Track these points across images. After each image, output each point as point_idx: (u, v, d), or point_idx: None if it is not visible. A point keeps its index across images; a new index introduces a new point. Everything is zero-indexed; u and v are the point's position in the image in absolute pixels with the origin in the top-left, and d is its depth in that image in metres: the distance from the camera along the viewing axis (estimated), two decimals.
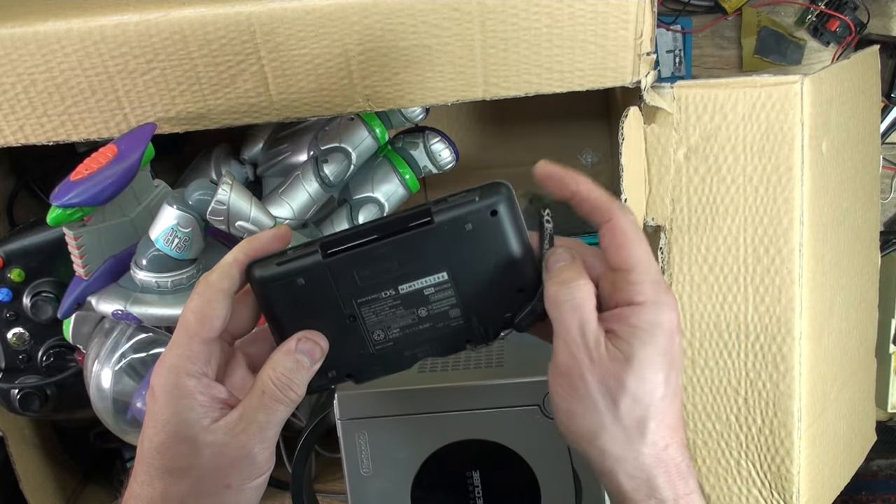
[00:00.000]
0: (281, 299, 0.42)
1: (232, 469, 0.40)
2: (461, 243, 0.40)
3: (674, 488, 0.40)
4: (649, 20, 0.57)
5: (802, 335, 0.63)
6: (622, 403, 0.39)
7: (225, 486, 0.41)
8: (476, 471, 0.61)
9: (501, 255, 0.41)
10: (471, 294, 0.42)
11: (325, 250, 0.41)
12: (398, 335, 0.43)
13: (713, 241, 0.63)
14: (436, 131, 0.73)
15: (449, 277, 0.41)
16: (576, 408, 0.40)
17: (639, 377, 0.39)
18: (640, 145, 0.63)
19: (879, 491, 0.90)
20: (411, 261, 0.41)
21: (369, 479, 0.62)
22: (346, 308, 0.42)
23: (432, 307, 0.42)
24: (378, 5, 0.56)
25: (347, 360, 0.43)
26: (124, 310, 0.60)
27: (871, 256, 0.76)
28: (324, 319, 0.42)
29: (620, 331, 0.39)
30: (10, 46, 0.57)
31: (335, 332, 0.42)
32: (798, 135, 0.59)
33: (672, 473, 0.40)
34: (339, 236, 0.41)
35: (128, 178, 0.57)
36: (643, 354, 0.39)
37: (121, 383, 0.63)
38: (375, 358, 0.44)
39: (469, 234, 0.40)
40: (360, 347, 0.43)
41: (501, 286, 0.41)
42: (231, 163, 0.77)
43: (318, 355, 0.42)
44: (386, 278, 0.41)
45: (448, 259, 0.41)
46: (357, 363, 0.44)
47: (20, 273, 0.68)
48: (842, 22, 0.83)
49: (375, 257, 0.41)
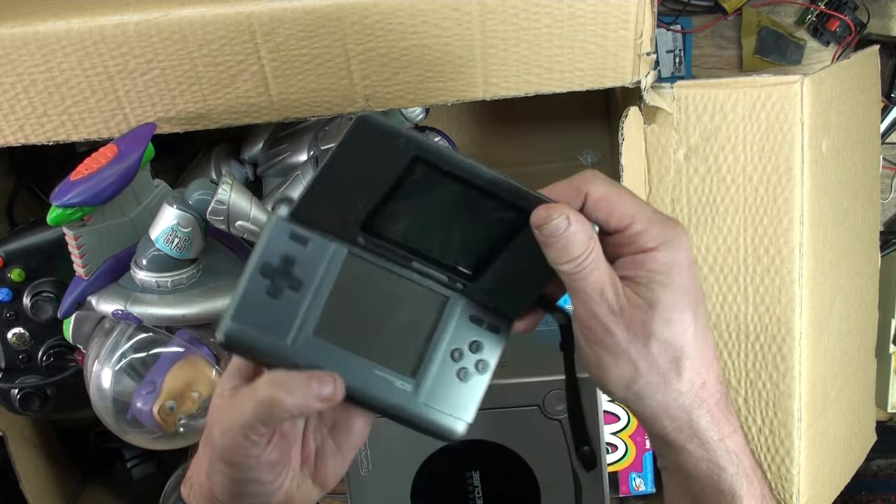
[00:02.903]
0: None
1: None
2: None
3: (718, 428, 0.40)
4: (649, 20, 0.57)
5: (802, 335, 0.63)
6: (654, 348, 0.39)
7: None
8: (476, 471, 0.61)
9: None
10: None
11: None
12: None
13: (713, 241, 0.63)
14: (436, 131, 0.73)
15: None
16: (606, 360, 0.40)
17: (665, 320, 0.39)
18: (640, 145, 0.63)
19: (879, 491, 0.90)
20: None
21: (369, 479, 0.62)
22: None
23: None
24: (378, 5, 0.56)
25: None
26: (124, 310, 0.60)
27: (871, 256, 0.76)
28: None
29: (639, 277, 0.39)
30: (10, 46, 0.57)
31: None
32: (798, 135, 0.59)
33: (714, 412, 0.40)
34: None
35: (128, 178, 0.57)
36: (665, 298, 0.39)
37: (121, 383, 0.63)
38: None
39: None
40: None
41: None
42: (231, 163, 0.77)
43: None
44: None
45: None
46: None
47: (20, 273, 0.68)
48: (842, 22, 0.82)
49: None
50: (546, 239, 0.39)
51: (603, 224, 0.39)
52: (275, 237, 0.40)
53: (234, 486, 0.41)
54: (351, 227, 0.40)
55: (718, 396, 0.41)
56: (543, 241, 0.39)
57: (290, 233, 0.40)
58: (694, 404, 0.40)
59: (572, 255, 0.38)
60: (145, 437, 0.65)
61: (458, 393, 0.42)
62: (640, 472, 0.78)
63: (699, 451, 0.41)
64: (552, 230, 0.38)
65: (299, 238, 0.40)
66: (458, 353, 0.42)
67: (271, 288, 0.40)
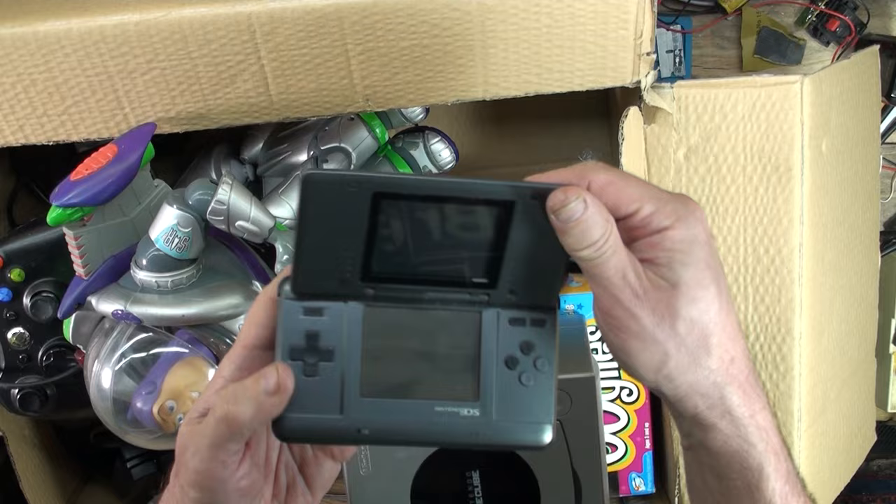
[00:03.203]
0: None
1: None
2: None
3: (749, 404, 0.40)
4: (649, 20, 0.57)
5: (802, 335, 0.63)
6: (680, 328, 0.38)
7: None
8: (476, 471, 0.61)
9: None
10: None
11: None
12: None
13: None
14: (436, 131, 0.73)
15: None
16: (633, 345, 0.39)
17: (690, 299, 0.38)
18: (640, 145, 0.63)
19: (879, 491, 0.90)
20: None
21: (369, 479, 0.62)
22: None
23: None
24: (378, 5, 0.56)
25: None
26: (124, 310, 0.60)
27: (871, 256, 0.76)
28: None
29: (658, 258, 0.38)
30: (10, 46, 0.57)
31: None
32: (798, 135, 0.59)
33: (746, 388, 0.40)
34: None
35: (128, 178, 0.57)
36: (688, 276, 0.38)
37: (121, 383, 0.63)
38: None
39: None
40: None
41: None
42: (231, 163, 0.77)
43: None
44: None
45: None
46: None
47: (20, 273, 0.68)
48: (842, 22, 0.82)
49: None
50: (564, 225, 0.38)
51: (612, 210, 0.38)
52: (290, 319, 0.39)
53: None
54: (354, 283, 0.39)
55: (748, 372, 0.40)
56: (561, 228, 0.38)
57: (302, 310, 0.40)
58: (725, 381, 0.39)
59: (592, 239, 0.37)
60: (145, 437, 0.65)
61: (529, 398, 0.41)
62: (640, 472, 0.78)
63: (730, 429, 0.40)
64: (569, 214, 0.37)
65: (313, 311, 0.40)
66: (511, 360, 0.41)
67: (306, 368, 0.39)
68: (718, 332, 0.39)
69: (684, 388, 0.39)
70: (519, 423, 0.40)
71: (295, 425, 0.39)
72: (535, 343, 0.41)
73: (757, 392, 0.40)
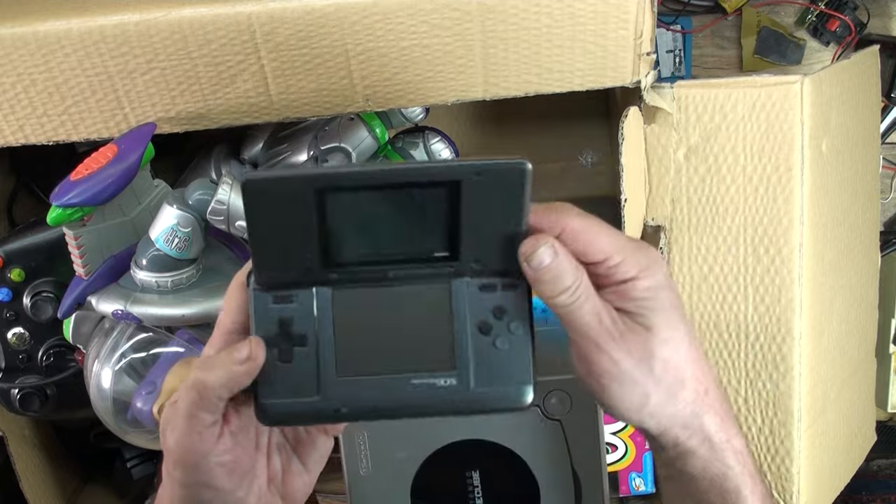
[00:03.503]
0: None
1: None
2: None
3: (726, 430, 0.42)
4: (649, 20, 0.57)
5: (802, 335, 0.63)
6: (657, 368, 0.40)
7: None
8: (476, 471, 0.61)
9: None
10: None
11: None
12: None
13: (713, 241, 0.63)
14: (436, 131, 0.73)
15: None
16: (614, 389, 0.40)
17: (664, 340, 0.40)
18: (640, 145, 0.63)
19: (879, 491, 0.90)
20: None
21: (369, 479, 0.62)
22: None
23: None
24: (378, 5, 0.56)
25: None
26: (124, 310, 0.60)
27: (871, 256, 0.76)
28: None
29: (628, 306, 0.40)
30: (10, 46, 0.57)
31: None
32: (798, 135, 0.59)
33: (721, 415, 0.42)
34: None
35: (128, 178, 0.57)
36: (660, 320, 0.40)
37: (121, 383, 0.63)
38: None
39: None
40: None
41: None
42: (231, 163, 0.77)
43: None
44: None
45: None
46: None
47: (20, 273, 0.68)
48: (842, 22, 0.82)
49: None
50: (536, 272, 0.39)
51: (581, 255, 0.40)
52: (260, 308, 0.40)
53: (192, 496, 0.41)
54: (316, 271, 0.40)
55: (721, 400, 0.42)
56: (533, 276, 0.39)
57: (272, 298, 0.40)
58: (703, 410, 0.41)
59: (565, 285, 0.39)
60: (145, 437, 0.65)
61: (506, 361, 0.40)
62: (640, 472, 0.78)
63: (709, 454, 0.42)
64: (540, 260, 0.39)
65: (282, 298, 0.40)
66: (484, 325, 0.41)
67: (281, 354, 0.40)
68: (692, 367, 0.41)
69: (666, 422, 0.41)
70: (497, 388, 0.40)
71: (275, 410, 0.40)
72: (506, 307, 0.41)
73: (731, 418, 0.43)
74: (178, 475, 0.40)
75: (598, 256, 0.40)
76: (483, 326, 0.41)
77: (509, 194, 0.39)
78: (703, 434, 0.42)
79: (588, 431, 0.63)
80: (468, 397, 0.40)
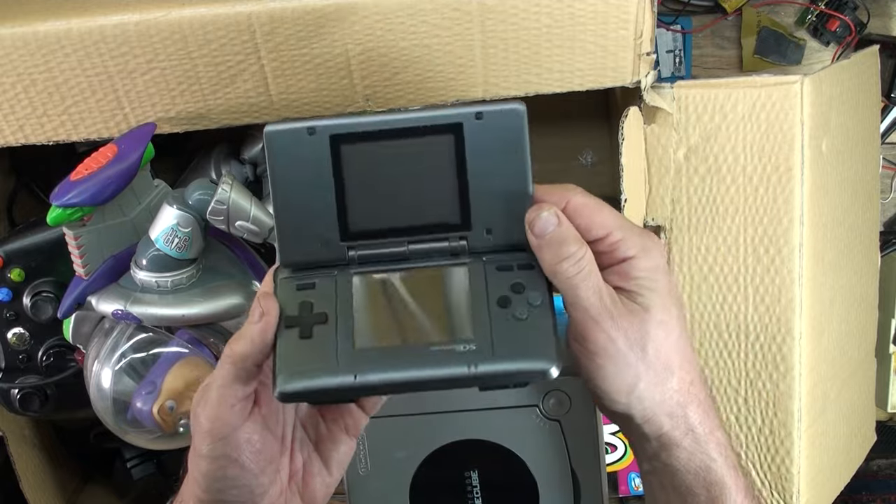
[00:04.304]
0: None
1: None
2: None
3: (709, 422, 0.43)
4: (649, 20, 0.57)
5: (802, 335, 0.63)
6: (650, 350, 0.40)
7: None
8: (474, 471, 0.61)
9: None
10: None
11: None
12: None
13: (713, 241, 0.63)
14: None
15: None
16: (608, 368, 0.41)
17: (658, 322, 0.41)
18: (640, 145, 0.63)
19: (879, 491, 0.90)
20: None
21: (368, 479, 0.62)
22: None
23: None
24: (378, 5, 0.56)
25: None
26: (124, 310, 0.60)
27: (871, 256, 0.76)
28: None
29: (627, 286, 0.41)
30: (10, 46, 0.57)
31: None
32: (798, 135, 0.59)
33: (705, 407, 0.43)
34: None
35: (128, 178, 0.57)
36: (656, 301, 0.41)
37: (121, 383, 0.63)
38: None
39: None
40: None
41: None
42: (231, 163, 0.77)
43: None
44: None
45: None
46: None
47: (20, 273, 0.68)
48: (842, 22, 0.82)
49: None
50: (539, 239, 0.40)
51: (584, 231, 0.40)
52: (285, 295, 0.41)
53: (217, 472, 0.41)
54: (336, 245, 0.41)
55: (705, 393, 0.43)
56: (537, 243, 0.40)
57: (296, 286, 0.41)
58: (687, 400, 0.42)
59: (570, 251, 0.39)
60: (145, 437, 0.65)
61: (526, 334, 0.39)
62: (639, 473, 0.78)
63: (693, 446, 0.42)
64: (543, 225, 0.40)
65: (305, 286, 0.41)
66: (503, 299, 0.40)
67: (302, 331, 0.40)
68: (680, 356, 0.42)
69: (652, 408, 0.42)
70: (520, 356, 0.39)
71: (293, 385, 0.39)
72: (524, 283, 0.41)
73: (714, 411, 0.43)
74: (207, 449, 0.41)
75: (599, 232, 0.40)
76: (502, 300, 0.40)
77: (510, 139, 0.41)
78: (686, 425, 0.42)
79: (587, 431, 0.63)
80: (489, 366, 0.39)
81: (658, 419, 0.42)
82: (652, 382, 0.41)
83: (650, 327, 0.40)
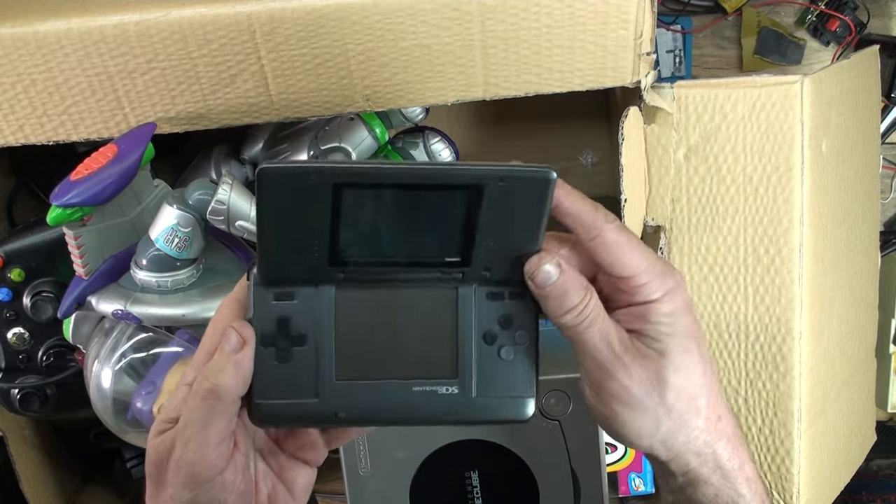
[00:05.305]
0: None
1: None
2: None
3: (738, 457, 0.41)
4: (649, 20, 0.57)
5: (802, 335, 0.63)
6: (669, 395, 0.39)
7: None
8: (475, 471, 0.61)
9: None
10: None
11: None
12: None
13: (713, 241, 0.63)
14: (436, 131, 0.73)
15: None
16: (624, 415, 0.39)
17: (678, 367, 0.39)
18: (640, 145, 0.63)
19: (879, 491, 0.90)
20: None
21: (368, 479, 0.62)
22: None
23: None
24: (378, 5, 0.56)
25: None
26: (124, 309, 0.60)
27: (871, 256, 0.76)
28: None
29: (644, 329, 0.39)
30: (10, 46, 0.57)
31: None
32: (798, 135, 0.59)
33: (734, 442, 0.41)
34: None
35: (128, 177, 0.57)
36: (675, 345, 0.39)
37: (121, 383, 0.63)
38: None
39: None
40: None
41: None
42: (231, 163, 0.77)
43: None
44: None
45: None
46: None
47: (20, 273, 0.68)
48: (842, 22, 0.82)
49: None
50: (541, 290, 0.38)
51: (608, 268, 0.39)
52: (260, 305, 0.39)
53: None
54: (322, 269, 0.38)
55: (733, 426, 0.41)
56: (539, 293, 0.39)
57: (273, 295, 0.39)
58: (715, 438, 0.40)
59: (572, 304, 0.38)
60: (145, 437, 0.64)
61: (509, 372, 0.40)
62: (639, 473, 0.78)
63: (721, 482, 0.41)
64: (544, 277, 0.38)
65: (284, 296, 0.39)
66: (489, 335, 0.40)
67: (279, 354, 0.38)
68: (706, 394, 0.40)
69: (677, 449, 0.40)
70: (499, 399, 0.40)
71: (271, 411, 0.38)
72: (513, 316, 0.40)
73: (743, 445, 0.42)
74: (187, 496, 0.38)
75: (624, 272, 0.39)
76: (488, 336, 0.40)
77: (531, 202, 0.38)
78: (715, 462, 0.41)
79: (587, 431, 0.63)
80: (468, 407, 0.39)
81: (684, 458, 0.40)
82: (675, 426, 0.39)
83: (668, 373, 0.39)
